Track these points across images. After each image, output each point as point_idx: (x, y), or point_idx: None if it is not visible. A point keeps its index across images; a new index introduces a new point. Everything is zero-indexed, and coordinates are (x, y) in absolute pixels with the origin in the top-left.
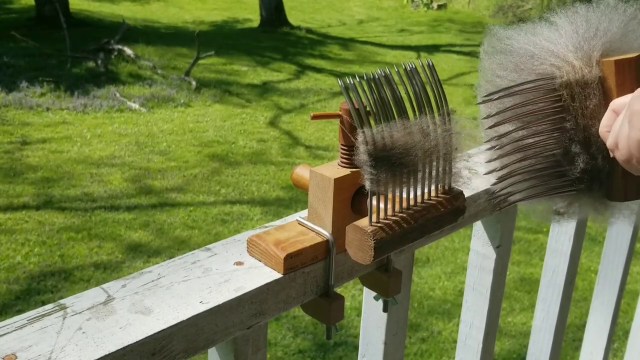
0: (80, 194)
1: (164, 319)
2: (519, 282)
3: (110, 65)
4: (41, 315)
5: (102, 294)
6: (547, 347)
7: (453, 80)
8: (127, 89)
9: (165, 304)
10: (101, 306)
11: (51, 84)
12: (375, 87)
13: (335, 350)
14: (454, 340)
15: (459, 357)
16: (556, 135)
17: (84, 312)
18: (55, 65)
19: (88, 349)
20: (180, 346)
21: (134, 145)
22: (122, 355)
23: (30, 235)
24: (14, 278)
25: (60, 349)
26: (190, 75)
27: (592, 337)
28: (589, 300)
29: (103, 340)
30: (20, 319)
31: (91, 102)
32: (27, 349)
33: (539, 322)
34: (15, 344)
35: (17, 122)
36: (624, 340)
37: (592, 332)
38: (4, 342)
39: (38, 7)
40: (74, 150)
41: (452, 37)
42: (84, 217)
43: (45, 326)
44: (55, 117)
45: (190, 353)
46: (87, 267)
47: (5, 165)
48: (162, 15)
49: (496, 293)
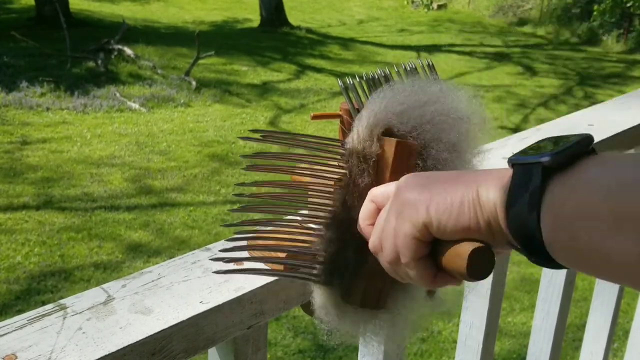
0: (80, 193)
1: (164, 319)
2: (519, 282)
3: (110, 65)
4: (41, 315)
5: (102, 294)
6: (547, 347)
7: (453, 80)
8: (127, 89)
9: (166, 304)
10: (101, 306)
11: (51, 84)
12: (375, 87)
13: (335, 351)
14: (454, 340)
15: (459, 357)
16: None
17: (84, 312)
18: (55, 65)
19: (88, 349)
20: (181, 346)
21: (134, 145)
22: (122, 355)
23: (30, 235)
24: (14, 278)
25: (60, 349)
26: (190, 75)
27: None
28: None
29: (103, 340)
30: (20, 319)
31: (91, 102)
32: (27, 348)
33: (539, 322)
34: (15, 344)
35: (17, 122)
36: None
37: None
38: (4, 342)
39: (38, 7)
40: (74, 150)
41: (452, 37)
42: (84, 217)
43: (45, 326)
44: (55, 117)
45: (191, 353)
46: (87, 267)
47: (5, 165)
48: (162, 15)
49: (496, 293)
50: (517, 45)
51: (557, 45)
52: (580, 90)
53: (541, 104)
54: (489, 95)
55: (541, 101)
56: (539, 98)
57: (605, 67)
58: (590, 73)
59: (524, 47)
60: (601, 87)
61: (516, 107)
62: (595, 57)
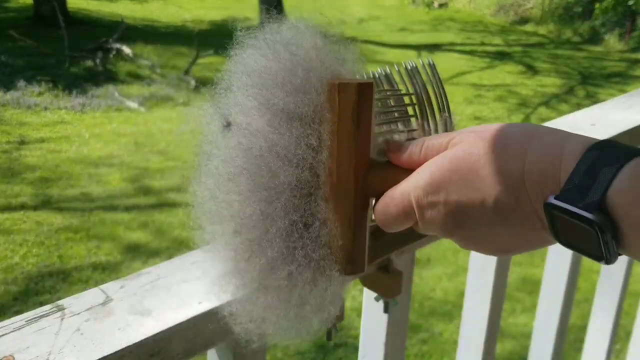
0: (78, 194)
1: (163, 320)
2: (520, 283)
3: (109, 64)
4: (39, 316)
5: (100, 295)
6: (548, 348)
7: (454, 80)
8: (126, 88)
9: (164, 305)
10: (99, 307)
11: (49, 83)
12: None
13: (335, 351)
14: (454, 342)
15: (460, 358)
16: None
17: (82, 313)
18: (54, 65)
19: (86, 351)
20: (179, 347)
21: (133, 145)
22: (120, 357)
23: (28, 236)
24: (12, 279)
25: (58, 350)
26: (190, 74)
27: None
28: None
29: (101, 342)
30: (18, 320)
31: (89, 102)
32: (25, 350)
33: (540, 323)
34: (13, 345)
35: (15, 122)
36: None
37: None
38: (1, 343)
39: (36, 6)
40: (72, 150)
41: (452, 36)
42: (82, 218)
43: (43, 327)
44: (54, 116)
45: (189, 354)
46: (86, 267)
47: (3, 165)
48: (161, 14)
49: (497, 294)
50: (519, 44)
51: (558, 44)
52: (582, 89)
53: (543, 103)
54: (490, 95)
55: (543, 100)
56: (541, 97)
57: (607, 66)
58: (592, 72)
59: (525, 46)
60: (603, 87)
61: (517, 106)
62: (597, 56)
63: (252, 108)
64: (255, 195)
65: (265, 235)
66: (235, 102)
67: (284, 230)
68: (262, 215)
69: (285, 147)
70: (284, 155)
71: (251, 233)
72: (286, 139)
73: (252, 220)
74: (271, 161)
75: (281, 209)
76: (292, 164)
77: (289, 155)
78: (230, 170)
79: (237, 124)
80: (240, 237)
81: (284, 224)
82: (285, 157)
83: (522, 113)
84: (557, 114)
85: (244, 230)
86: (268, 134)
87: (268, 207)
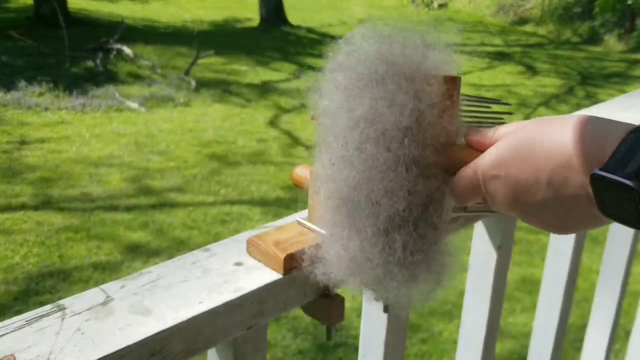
0: (79, 194)
1: (163, 320)
2: (520, 283)
3: (109, 64)
4: (40, 316)
5: (101, 294)
6: (548, 348)
7: None
8: (126, 88)
9: (165, 305)
10: (100, 307)
11: (50, 83)
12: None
13: (335, 351)
14: (454, 341)
15: (460, 358)
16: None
17: (82, 313)
18: (54, 65)
19: (87, 350)
20: (180, 347)
21: (133, 145)
22: (121, 356)
23: (28, 236)
24: (13, 279)
25: (59, 350)
26: (190, 74)
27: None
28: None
29: (102, 341)
30: (18, 319)
31: (90, 102)
32: (25, 349)
33: (540, 323)
34: (13, 345)
35: (16, 122)
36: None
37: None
38: (2, 343)
39: (36, 6)
40: (73, 150)
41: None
42: (83, 218)
43: (44, 327)
44: (54, 116)
45: (190, 354)
46: (86, 267)
47: (4, 165)
48: (162, 14)
49: (497, 294)
50: (518, 45)
51: (558, 44)
52: (582, 89)
53: (542, 104)
54: (490, 95)
55: (542, 101)
56: (540, 98)
57: (606, 67)
58: (592, 72)
59: (525, 46)
60: (602, 87)
61: (517, 106)
62: (596, 57)
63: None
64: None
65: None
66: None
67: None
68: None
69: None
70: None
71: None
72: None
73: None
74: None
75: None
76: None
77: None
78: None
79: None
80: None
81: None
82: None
83: (521, 113)
84: (557, 114)
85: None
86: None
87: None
